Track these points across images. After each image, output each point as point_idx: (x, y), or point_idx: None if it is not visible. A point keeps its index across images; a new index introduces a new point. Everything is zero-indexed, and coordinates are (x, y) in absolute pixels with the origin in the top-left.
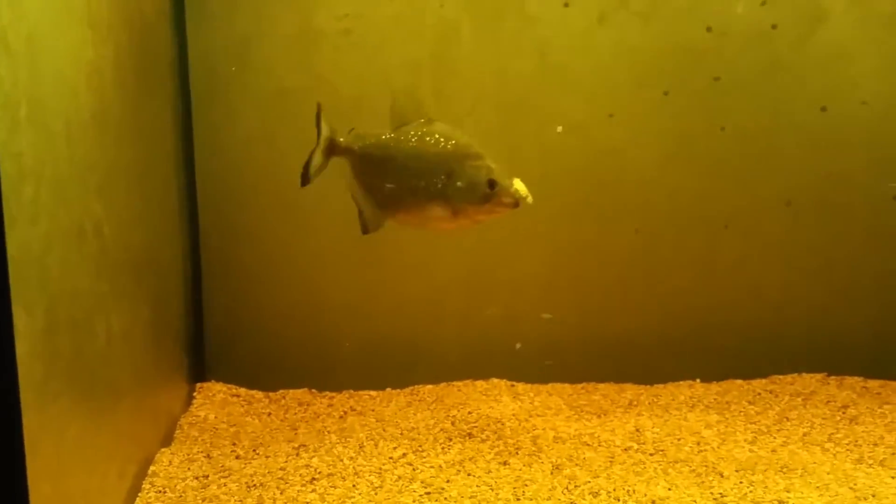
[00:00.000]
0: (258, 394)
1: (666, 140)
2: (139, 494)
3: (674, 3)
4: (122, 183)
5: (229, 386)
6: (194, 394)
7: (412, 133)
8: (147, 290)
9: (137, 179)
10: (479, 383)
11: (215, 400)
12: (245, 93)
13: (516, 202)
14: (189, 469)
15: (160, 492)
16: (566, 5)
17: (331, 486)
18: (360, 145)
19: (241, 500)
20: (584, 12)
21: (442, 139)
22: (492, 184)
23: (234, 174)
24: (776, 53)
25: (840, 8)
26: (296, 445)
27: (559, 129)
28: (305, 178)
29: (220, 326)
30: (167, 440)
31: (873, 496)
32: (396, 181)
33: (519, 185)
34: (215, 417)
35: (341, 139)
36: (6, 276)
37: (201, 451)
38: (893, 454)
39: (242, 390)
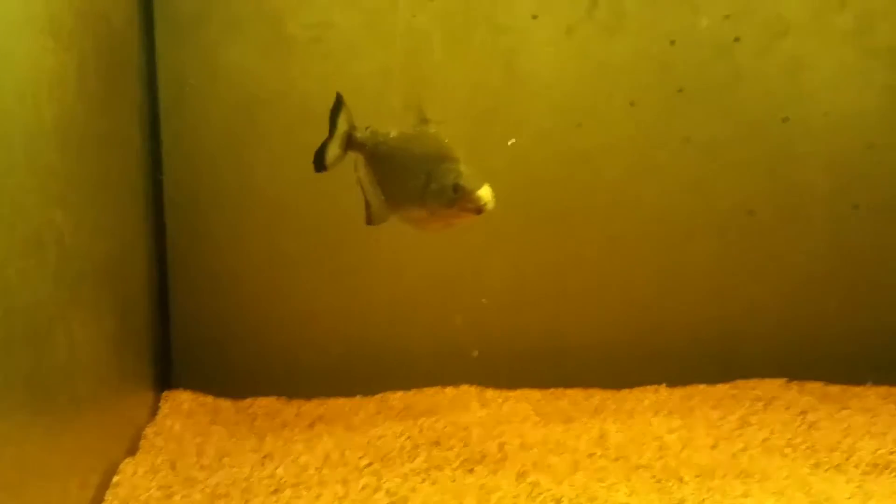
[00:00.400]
0: (225, 402)
1: (632, 150)
2: None
3: (639, 16)
4: (85, 192)
5: (196, 394)
6: (160, 403)
7: (412, 134)
8: (111, 300)
9: (101, 188)
10: (449, 390)
11: (182, 409)
12: (215, 100)
13: (478, 208)
14: (153, 479)
15: (123, 502)
16: (535, 17)
17: (295, 497)
18: (372, 142)
19: None
20: (553, 24)
21: (430, 141)
22: (456, 188)
23: (202, 182)
24: (739, 65)
25: (800, 21)
26: (261, 455)
27: (511, 142)
28: (320, 165)
29: (188, 334)
30: (132, 450)
31: (826, 500)
32: (394, 179)
33: (484, 191)
34: (181, 426)
35: (358, 134)
36: None
37: (166, 461)
38: (848, 459)
39: (209, 399)
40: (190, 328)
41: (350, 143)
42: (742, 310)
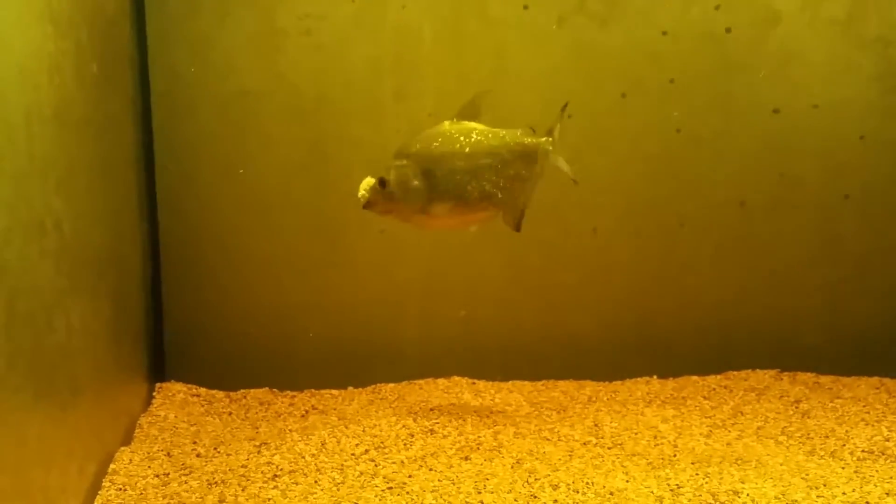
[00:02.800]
0: (219, 393)
1: (623, 141)
2: (99, 492)
3: (630, 6)
4: (83, 179)
5: (189, 386)
6: (154, 394)
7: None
8: (107, 287)
9: (98, 176)
10: (441, 381)
11: (175, 399)
12: (205, 92)
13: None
14: (149, 467)
15: (120, 489)
16: (525, 7)
17: (293, 483)
18: None
19: (202, 498)
20: (543, 15)
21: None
22: None
23: (193, 173)
24: (730, 56)
25: (792, 12)
26: (257, 443)
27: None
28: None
29: (180, 326)
30: (127, 439)
31: (824, 485)
32: None
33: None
34: (175, 417)
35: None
36: None
37: (161, 450)
38: (843, 446)
39: (203, 390)
40: (182, 320)
41: None
42: (733, 301)
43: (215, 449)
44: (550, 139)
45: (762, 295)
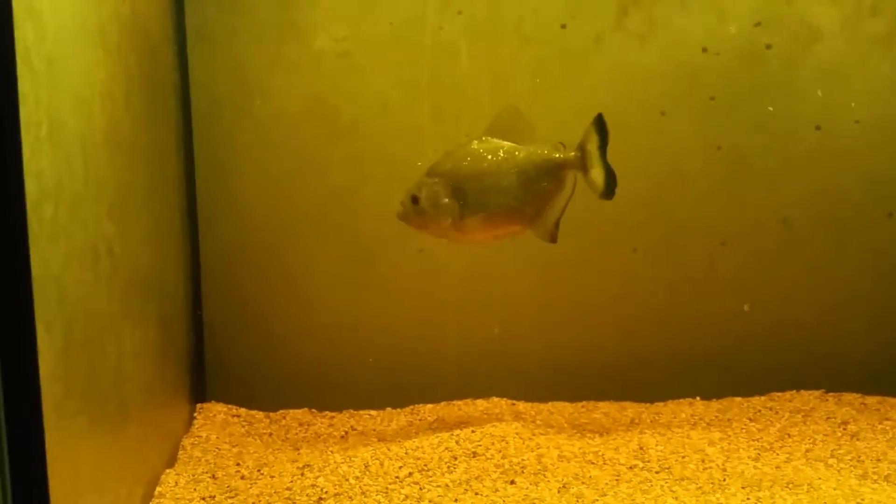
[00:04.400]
0: (258, 414)
1: (663, 159)
2: None
3: (669, 24)
4: (132, 203)
5: (229, 406)
6: (195, 414)
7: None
8: (154, 311)
9: (145, 200)
10: (480, 402)
11: (216, 420)
12: (245, 115)
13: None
14: (195, 490)
15: None
16: (563, 26)
17: None
18: None
19: None
20: (582, 33)
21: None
22: None
23: (234, 196)
24: (771, 73)
25: (832, 29)
26: (300, 465)
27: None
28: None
29: (220, 347)
30: (171, 461)
31: None
32: None
33: None
34: (217, 438)
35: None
36: (30, 295)
37: (206, 472)
38: None
39: (243, 411)
40: (222, 341)
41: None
42: (776, 319)
43: (259, 471)
44: (579, 154)
45: (805, 314)
